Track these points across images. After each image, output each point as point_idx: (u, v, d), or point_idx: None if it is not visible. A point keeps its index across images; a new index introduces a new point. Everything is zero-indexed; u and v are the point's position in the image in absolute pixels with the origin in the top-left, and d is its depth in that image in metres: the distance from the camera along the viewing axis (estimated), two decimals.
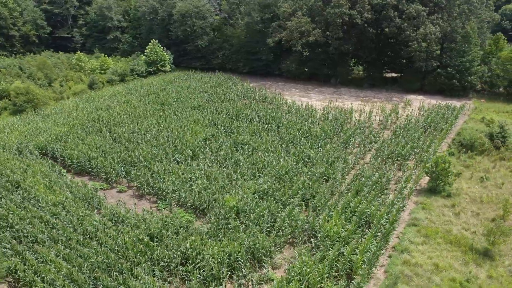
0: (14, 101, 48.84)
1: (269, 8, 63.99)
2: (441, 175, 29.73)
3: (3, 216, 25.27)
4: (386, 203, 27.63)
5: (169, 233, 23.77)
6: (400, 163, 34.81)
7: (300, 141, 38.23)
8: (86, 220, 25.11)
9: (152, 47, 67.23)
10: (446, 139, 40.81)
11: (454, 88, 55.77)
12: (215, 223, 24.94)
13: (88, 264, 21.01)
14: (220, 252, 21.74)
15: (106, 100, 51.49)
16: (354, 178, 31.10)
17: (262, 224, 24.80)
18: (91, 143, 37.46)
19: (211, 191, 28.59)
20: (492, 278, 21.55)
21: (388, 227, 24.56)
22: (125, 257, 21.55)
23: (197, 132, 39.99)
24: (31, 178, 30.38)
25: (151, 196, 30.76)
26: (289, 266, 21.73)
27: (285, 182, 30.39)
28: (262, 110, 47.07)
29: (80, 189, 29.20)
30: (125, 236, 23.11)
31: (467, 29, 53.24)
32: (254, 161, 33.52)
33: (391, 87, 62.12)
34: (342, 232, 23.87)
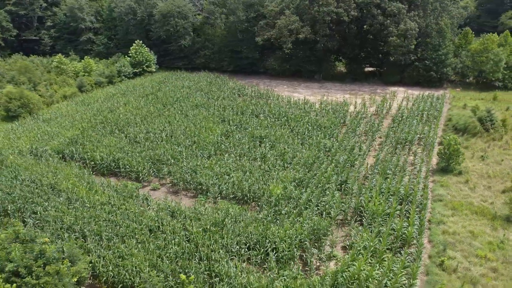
0: (6, 106, 46.86)
1: (254, 7, 65.66)
2: (453, 155, 33.16)
3: (58, 218, 25.22)
4: (413, 182, 30.49)
5: (229, 222, 25.02)
6: (408, 148, 38.07)
7: (312, 132, 40.44)
8: (142, 215, 25.68)
9: (137, 48, 66.56)
10: (439, 125, 44.84)
11: (431, 79, 60.64)
12: (269, 210, 26.46)
13: (168, 254, 21.83)
14: (287, 235, 23.36)
15: (104, 102, 50.79)
16: (376, 162, 33.77)
17: (313, 208, 26.68)
18: (110, 144, 37.36)
19: (251, 182, 29.98)
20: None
21: (424, 202, 27.41)
22: (201, 245, 22.55)
23: (211, 129, 41.01)
24: (65, 181, 30.14)
25: (186, 191, 31.59)
26: (351, 242, 23.85)
27: (315, 170, 32.41)
28: (265, 106, 48.82)
29: (123, 188, 29.48)
30: (193, 227, 24.07)
31: (441, 25, 58.18)
32: (279, 153, 35.27)
33: (372, 80, 66.10)
34: (387, 210, 26.37)
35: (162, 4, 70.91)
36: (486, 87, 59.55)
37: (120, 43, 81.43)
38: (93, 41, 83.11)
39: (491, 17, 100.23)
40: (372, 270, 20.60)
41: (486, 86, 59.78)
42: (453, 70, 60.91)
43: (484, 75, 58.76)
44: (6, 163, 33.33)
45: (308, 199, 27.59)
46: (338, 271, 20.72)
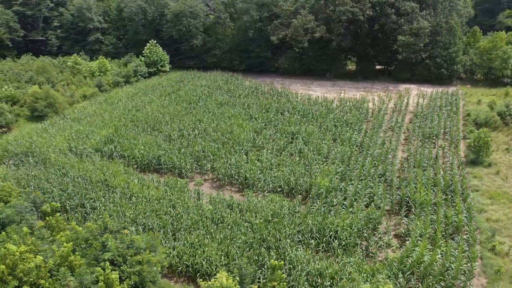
0: (33, 106, 47.04)
1: (267, 7, 66.69)
2: (483, 148, 34.74)
3: (119, 212, 25.94)
4: (450, 174, 31.92)
5: (287, 213, 26.11)
6: (434, 142, 39.58)
7: (341, 128, 41.67)
8: (200, 208, 26.58)
9: (151, 48, 67.01)
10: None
11: (442, 76, 62.46)
12: (321, 202, 27.59)
13: (236, 244, 22.79)
14: (345, 224, 24.51)
15: (128, 101, 51.29)
16: (408, 155, 35.14)
17: (363, 199, 27.90)
18: (147, 142, 38.03)
19: (296, 176, 31.05)
20: None
21: (466, 192, 28.87)
22: (266, 235, 23.54)
23: (241, 126, 41.94)
24: (115, 178, 30.82)
25: (231, 186, 32.51)
26: (405, 230, 25.12)
27: (353, 164, 33.62)
28: (287, 103, 49.92)
29: (174, 183, 30.30)
30: (255, 218, 25.08)
31: (452, 24, 60.03)
32: (315, 148, 36.41)
33: (382, 78, 67.69)
34: (433, 200, 27.73)
35: (174, 4, 71.45)
36: (494, 84, 61.54)
37: (129, 43, 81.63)
38: (101, 41, 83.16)
39: (488, 16, 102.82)
40: (435, 255, 21.87)
41: (494, 83, 61.77)
42: (462, 67, 62.80)
43: (493, 72, 60.76)
44: (50, 162, 33.83)
45: (355, 191, 28.78)
46: (403, 257, 21.93)
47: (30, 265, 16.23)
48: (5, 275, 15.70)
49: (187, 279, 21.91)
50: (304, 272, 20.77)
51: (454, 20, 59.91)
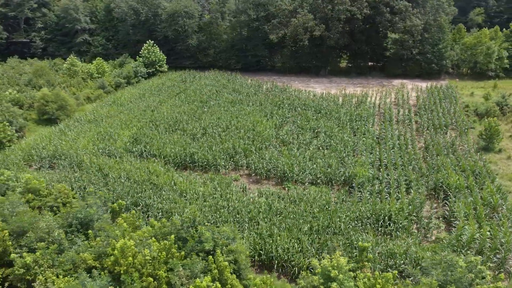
0: (43, 109, 46.03)
1: (263, 7, 67.96)
2: (494, 135, 37.71)
3: (177, 209, 26.53)
4: (469, 160, 34.50)
5: (338, 202, 27.65)
6: (444, 132, 42.33)
7: (357, 122, 43.67)
8: (257, 201, 27.63)
9: (149, 48, 66.65)
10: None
11: (432, 71, 66.12)
12: (365, 190, 29.32)
13: (303, 232, 24.08)
14: (396, 209, 26.35)
15: (137, 102, 51.12)
16: (426, 145, 37.61)
17: (403, 186, 29.87)
18: (174, 140, 38.41)
19: (333, 168, 32.65)
20: None
21: (492, 176, 31.49)
22: (329, 222, 24.97)
23: (262, 122, 43.07)
24: (157, 177, 31.23)
25: (268, 180, 33.63)
26: (450, 211, 27.26)
27: (380, 155, 35.61)
28: (297, 100, 51.48)
29: (220, 180, 31.09)
30: (311, 207, 26.45)
31: (441, 21, 63.68)
32: (339, 142, 38.16)
33: (376, 74, 70.67)
34: (465, 184, 30.11)
35: (169, 4, 71.32)
36: (479, 77, 65.81)
37: (119, 44, 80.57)
38: (89, 42, 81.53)
39: (460, 14, 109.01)
40: (485, 231, 24.07)
41: (479, 76, 66.04)
42: (450, 62, 66.70)
43: (479, 66, 64.96)
44: (84, 164, 33.67)
45: (395, 179, 30.73)
46: (457, 235, 23.98)
47: (147, 258, 16.81)
48: (129, 267, 16.21)
49: (261, 267, 22.92)
50: (373, 254, 22.32)
51: (443, 18, 63.58)
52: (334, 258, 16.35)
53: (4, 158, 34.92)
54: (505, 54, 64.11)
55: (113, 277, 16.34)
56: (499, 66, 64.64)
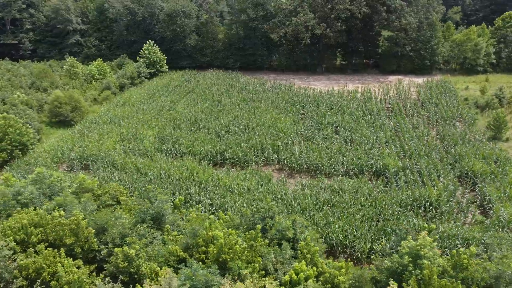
0: (57, 111, 45.35)
1: (262, 6, 69.07)
2: (502, 125, 40.43)
3: (229, 203, 27.34)
4: (486, 148, 36.91)
5: (379, 191, 29.23)
6: (453, 123, 44.82)
7: (371, 116, 45.53)
8: (302, 194, 28.82)
9: (150, 48, 66.40)
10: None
11: (425, 67, 69.21)
12: (401, 179, 31.05)
13: (356, 219, 25.49)
14: (435, 195, 28.18)
15: (149, 103, 51.14)
16: (444, 135, 39.87)
17: (433, 174, 31.81)
18: (199, 138, 38.98)
19: (363, 159, 34.26)
20: None
21: (510, 162, 33.97)
22: (379, 208, 26.48)
23: (280, 119, 44.24)
24: (197, 174, 31.85)
25: (300, 174, 34.84)
26: (482, 196, 29.34)
27: (401, 146, 37.53)
28: (306, 97, 52.96)
29: (262, 175, 32.05)
30: (357, 197, 27.91)
31: (432, 19, 66.80)
32: (360, 135, 39.85)
33: (371, 70, 73.20)
34: (488, 169, 32.35)
35: (166, 4, 71.22)
36: (469, 72, 69.35)
37: (113, 45, 79.61)
38: (80, 43, 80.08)
39: None
40: None
41: (468, 71, 69.57)
42: (442, 58, 70.01)
43: (468, 61, 68.52)
44: (117, 164, 33.81)
45: (423, 168, 32.64)
46: (497, 216, 25.99)
47: (243, 246, 17.65)
48: (234, 255, 16.99)
49: (324, 253, 24.11)
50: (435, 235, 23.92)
51: (434, 16, 66.73)
52: (421, 238, 17.73)
53: (33, 161, 34.53)
54: (491, 50, 67.93)
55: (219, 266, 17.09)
56: (487, 61, 68.41)
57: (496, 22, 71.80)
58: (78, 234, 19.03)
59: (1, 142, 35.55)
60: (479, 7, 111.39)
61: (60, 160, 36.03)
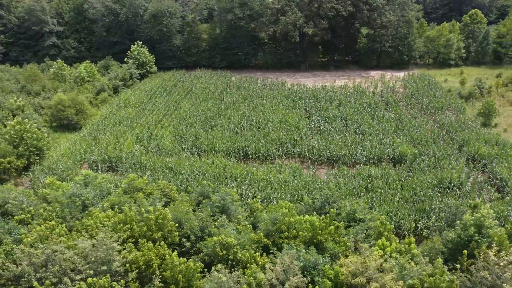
0: (61, 115, 44.18)
1: (248, 6, 70.26)
2: (491, 112, 44.43)
3: (276, 195, 28.60)
4: (483, 133, 40.51)
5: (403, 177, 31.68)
6: (444, 112, 48.45)
7: (371, 109, 48.20)
8: (337, 182, 30.65)
9: (139, 49, 65.63)
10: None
11: (403, 62, 73.48)
12: (420, 165, 33.68)
13: (396, 200, 27.67)
14: (456, 176, 30.98)
15: (151, 103, 50.98)
16: (442, 124, 43.20)
17: (446, 159, 34.71)
18: (221, 136, 39.81)
19: (379, 148, 36.64)
20: None
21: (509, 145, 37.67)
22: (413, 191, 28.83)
23: (288, 115, 45.84)
24: (227, 169, 32.80)
25: (320, 165, 36.64)
26: (493, 176, 32.51)
27: (409, 135, 40.36)
28: (303, 93, 54.95)
29: (294, 168, 33.50)
30: (390, 183, 30.14)
31: (409, 17, 71.10)
32: (368, 127, 42.32)
33: (353, 66, 76.54)
34: (493, 152, 35.76)
35: (150, 4, 70.60)
36: (442, 66, 74.34)
37: (93, 46, 77.66)
38: (57, 45, 77.40)
39: None
40: None
41: (441, 65, 74.54)
42: (418, 53, 74.60)
43: (441, 55, 73.51)
44: (144, 164, 33.99)
45: (434, 152, 35.51)
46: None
47: (330, 228, 19.07)
48: (327, 236, 18.36)
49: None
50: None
51: (410, 14, 71.03)
52: (483, 210, 19.93)
53: (54, 165, 33.87)
54: (461, 45, 73.32)
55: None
56: (458, 55, 73.72)
57: (464, 19, 77.45)
58: (163, 228, 19.57)
59: (18, 147, 34.54)
60: (439, 5, 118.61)
61: (79, 164, 35.56)
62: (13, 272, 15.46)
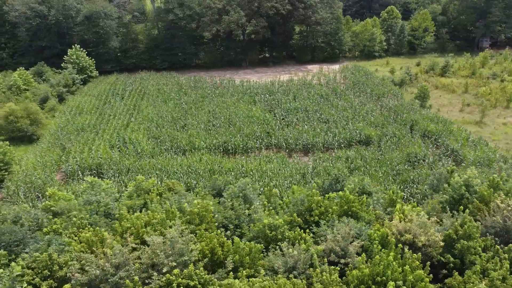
0: (13, 126, 40.70)
1: (187, 6, 70.28)
2: (426, 96, 51.07)
3: (277, 183, 30.45)
4: (423, 115, 46.50)
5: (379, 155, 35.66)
6: (386, 99, 54.26)
7: (328, 100, 52.09)
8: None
9: (78, 53, 62.01)
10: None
11: (334, 56, 79.62)
12: (385, 145, 38.01)
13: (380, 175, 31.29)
14: (420, 151, 35.77)
15: (107, 108, 49.20)
16: (388, 107, 48.58)
17: (406, 137, 39.56)
18: (196, 134, 40.34)
19: (350, 133, 40.37)
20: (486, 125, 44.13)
21: (448, 122, 43.92)
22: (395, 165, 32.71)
23: (252, 110, 47.74)
24: (217, 165, 33.87)
25: (296, 152, 39.32)
26: (445, 148, 38.00)
27: (369, 121, 44.85)
28: (257, 88, 57.26)
29: (280, 158, 35.50)
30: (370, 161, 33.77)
31: (338, 14, 77.21)
32: (328, 116, 46.03)
33: (290, 62, 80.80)
34: (439, 128, 41.54)
35: (83, 6, 67.02)
36: (368, 57, 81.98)
37: (16, 52, 71.25)
38: None
39: None
40: (481, 153, 35.28)
41: (367, 56, 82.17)
42: (347, 47, 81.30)
43: (367, 48, 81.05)
44: (132, 167, 33.53)
45: (394, 133, 40.25)
46: (476, 155, 34.56)
47: (363, 199, 21.53)
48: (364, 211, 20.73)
49: None
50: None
51: (338, 11, 77.21)
52: (469, 172, 23.91)
53: (29, 178, 31.73)
54: (383, 38, 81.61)
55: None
56: (381, 47, 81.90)
57: (382, 15, 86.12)
58: (204, 219, 20.33)
59: None
60: (352, 3, 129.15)
61: (54, 175, 33.71)
62: (92, 275, 15.23)
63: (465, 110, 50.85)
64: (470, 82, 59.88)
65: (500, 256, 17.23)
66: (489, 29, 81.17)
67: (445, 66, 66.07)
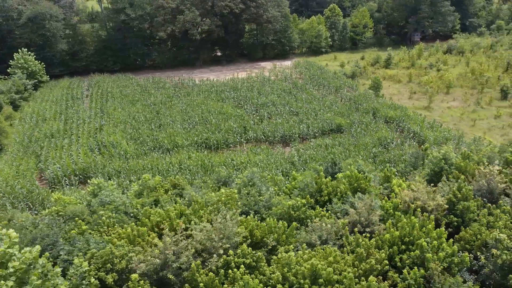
0: None
1: (139, 6, 69.07)
2: (379, 86, 55.69)
3: (275, 174, 32.10)
4: (380, 102, 50.85)
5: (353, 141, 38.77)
6: (344, 90, 58.17)
7: (292, 94, 54.62)
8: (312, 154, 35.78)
9: (26, 57, 58.38)
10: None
11: (285, 52, 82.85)
12: (356, 131, 41.29)
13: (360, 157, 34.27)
14: (381, 135, 39.47)
15: (72, 113, 47.37)
16: (348, 98, 52.33)
17: (372, 125, 43.20)
18: (177, 133, 40.63)
19: (322, 124, 43.11)
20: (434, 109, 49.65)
21: (402, 107, 48.51)
22: (370, 148, 35.86)
23: (223, 107, 48.88)
24: (207, 161, 34.79)
25: (277, 144, 41.29)
26: (407, 131, 42.18)
27: (338, 113, 48.07)
28: (220, 86, 58.35)
29: (266, 151, 37.06)
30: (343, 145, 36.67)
31: (285, 12, 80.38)
32: (297, 109, 48.59)
33: (242, 60, 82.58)
34: (397, 114, 45.85)
35: (26, 7, 63.10)
36: (315, 53, 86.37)
37: None
38: None
39: None
40: (440, 134, 39.83)
41: (315, 52, 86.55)
42: (296, 44, 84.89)
43: (313, 45, 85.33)
44: (121, 169, 33.27)
45: (363, 120, 43.77)
46: (436, 135, 38.88)
47: (370, 177, 23.85)
48: (360, 187, 22.90)
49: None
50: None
51: (286, 10, 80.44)
52: (445, 148, 27.43)
53: (10, 189, 30.34)
54: (328, 34, 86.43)
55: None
56: (326, 43, 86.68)
57: (325, 12, 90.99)
58: (231, 207, 21.41)
59: None
60: (291, 2, 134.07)
61: (36, 183, 32.44)
62: (154, 265, 15.80)
63: (413, 97, 56.27)
64: (413, 73, 66.03)
65: (492, 212, 20.55)
66: (420, 24, 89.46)
67: (388, 59, 72.04)
